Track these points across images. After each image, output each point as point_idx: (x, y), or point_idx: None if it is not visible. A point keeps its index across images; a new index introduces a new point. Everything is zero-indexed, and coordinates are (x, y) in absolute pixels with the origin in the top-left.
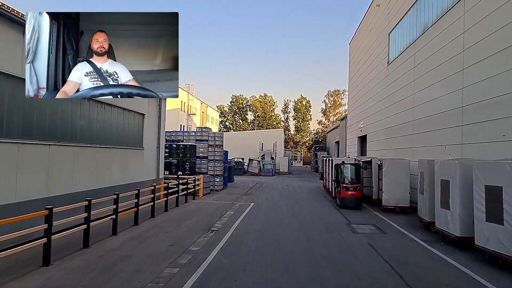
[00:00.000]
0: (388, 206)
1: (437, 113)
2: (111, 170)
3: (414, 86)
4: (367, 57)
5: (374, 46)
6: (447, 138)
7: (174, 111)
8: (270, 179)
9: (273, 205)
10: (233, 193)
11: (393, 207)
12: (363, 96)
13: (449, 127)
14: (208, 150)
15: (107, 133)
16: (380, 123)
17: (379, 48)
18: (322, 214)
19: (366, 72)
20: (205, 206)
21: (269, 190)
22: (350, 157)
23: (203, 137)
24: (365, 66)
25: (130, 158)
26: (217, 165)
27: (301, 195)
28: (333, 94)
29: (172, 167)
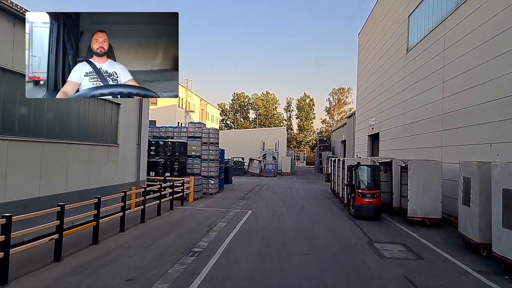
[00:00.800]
0: (414, 218)
1: (479, 103)
2: (69, 172)
3: (443, 73)
4: (381, 46)
5: (389, 33)
6: (494, 134)
7: (171, 107)
8: (271, 180)
9: (274, 214)
10: (229, 197)
11: (421, 219)
12: (375, 90)
13: (497, 121)
14: (201, 149)
15: (64, 124)
16: (396, 119)
17: (396, 34)
18: (335, 227)
19: (379, 63)
20: (193, 214)
21: (270, 194)
22: (359, 157)
23: (196, 134)
24: (378, 56)
25: (99, 156)
26: (212, 165)
27: (306, 200)
28: (337, 92)
29: (158, 168)
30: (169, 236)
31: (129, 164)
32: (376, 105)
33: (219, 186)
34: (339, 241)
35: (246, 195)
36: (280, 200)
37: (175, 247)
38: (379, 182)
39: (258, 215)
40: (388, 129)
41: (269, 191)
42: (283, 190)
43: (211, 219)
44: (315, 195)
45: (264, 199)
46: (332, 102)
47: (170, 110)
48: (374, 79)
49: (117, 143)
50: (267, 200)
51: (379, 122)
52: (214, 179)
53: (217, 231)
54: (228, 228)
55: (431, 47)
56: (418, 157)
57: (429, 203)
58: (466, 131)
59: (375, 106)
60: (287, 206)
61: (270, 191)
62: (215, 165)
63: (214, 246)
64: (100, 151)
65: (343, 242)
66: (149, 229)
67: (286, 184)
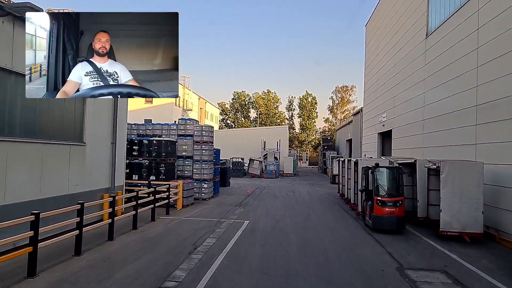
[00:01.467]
0: (449, 232)
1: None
2: (9, 179)
3: (477, 56)
4: (393, 34)
5: (404, 18)
6: None
7: (168, 106)
8: (273, 182)
9: (275, 225)
10: (224, 203)
11: (458, 234)
12: (386, 83)
13: None
14: (193, 148)
15: (2, 116)
16: (414, 113)
17: (412, 18)
18: (351, 244)
19: (391, 53)
20: (177, 227)
21: (270, 199)
22: (370, 157)
23: (188, 132)
24: (390, 45)
25: (57, 158)
26: (205, 166)
27: (312, 207)
28: (341, 90)
29: (142, 170)
30: (137, 261)
31: (100, 167)
32: (387, 100)
33: (214, 190)
34: (360, 268)
35: (244, 200)
36: (282, 207)
37: (140, 280)
38: (402, 187)
39: (256, 228)
40: (402, 126)
41: (270, 195)
42: (285, 194)
43: (198, 234)
44: (321, 199)
45: (264, 206)
46: (335, 100)
47: (166, 108)
48: (385, 71)
49: (82, 142)
50: (268, 206)
51: (391, 118)
52: (208, 182)
53: (202, 252)
54: (216, 248)
55: (460, 27)
56: (442, 156)
57: (468, 214)
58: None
59: (386, 101)
60: (290, 214)
61: (271, 195)
62: (209, 166)
63: (194, 278)
64: (57, 152)
65: (365, 268)
66: (115, 251)
67: (288, 186)
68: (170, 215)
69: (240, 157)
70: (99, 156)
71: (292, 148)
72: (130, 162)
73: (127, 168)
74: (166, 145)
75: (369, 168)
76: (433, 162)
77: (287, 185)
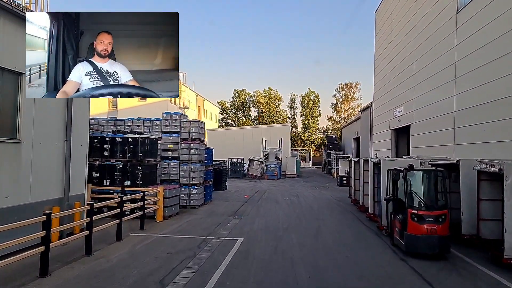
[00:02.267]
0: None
1: None
2: None
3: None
4: (411, 15)
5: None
6: None
7: (163, 103)
8: (274, 184)
9: (277, 246)
10: (216, 212)
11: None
12: (402, 73)
13: None
14: (180, 147)
15: None
16: (441, 105)
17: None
18: (382, 280)
19: (408, 38)
20: (146, 251)
21: (271, 206)
22: (385, 157)
23: (173, 128)
24: (407, 29)
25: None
26: (194, 169)
27: (321, 216)
28: (344, 87)
29: (115, 174)
30: None
31: (47, 172)
32: (404, 91)
33: (206, 195)
34: None
35: (240, 207)
36: (285, 217)
37: None
38: (446, 196)
39: (252, 251)
40: (425, 120)
41: (271, 200)
42: (289, 199)
43: (171, 262)
44: (330, 206)
45: (263, 215)
46: (339, 98)
47: (161, 106)
48: (400, 59)
49: (17, 138)
50: (267, 216)
51: (409, 112)
52: (198, 187)
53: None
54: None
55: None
56: (483, 156)
57: None
58: None
59: (402, 93)
60: (295, 228)
61: (272, 201)
62: (198, 168)
63: None
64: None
65: None
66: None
67: (291, 189)
68: (145, 230)
69: (239, 157)
70: (44, 158)
71: (295, 148)
72: (101, 164)
73: (96, 172)
74: (144, 144)
75: (398, 171)
76: (489, 163)
77: (290, 188)
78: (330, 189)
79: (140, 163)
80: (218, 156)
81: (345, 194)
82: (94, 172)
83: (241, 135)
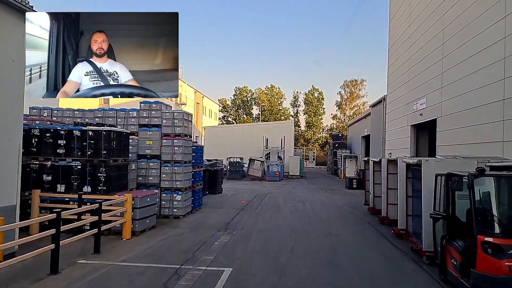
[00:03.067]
0: None
1: None
2: None
3: None
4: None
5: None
6: None
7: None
8: (276, 186)
9: (278, 284)
10: (204, 224)
11: None
12: (427, 58)
13: None
14: (161, 144)
15: None
16: (481, 92)
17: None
18: None
19: (437, 13)
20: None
21: (272, 216)
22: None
23: (153, 120)
24: (434, 4)
25: None
26: (178, 170)
27: (334, 230)
28: (349, 84)
29: (72, 178)
30: None
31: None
32: (428, 80)
33: (195, 202)
34: None
35: (234, 217)
36: (290, 232)
37: None
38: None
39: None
40: (457, 112)
41: (272, 207)
42: (293, 206)
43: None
44: (342, 215)
45: (261, 229)
46: (344, 95)
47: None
48: (423, 42)
49: None
50: (267, 230)
51: (434, 104)
52: (183, 193)
53: None
54: None
55: None
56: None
57: None
58: None
59: (426, 82)
60: (304, 250)
61: (273, 208)
62: (184, 170)
63: None
64: None
65: None
66: None
67: (295, 193)
68: (101, 254)
69: (238, 156)
70: None
71: (298, 147)
72: (54, 164)
73: (48, 175)
74: (109, 139)
75: (458, 177)
76: None
77: (294, 190)
78: (338, 193)
79: (104, 164)
80: (216, 155)
81: (357, 199)
82: (45, 175)
83: (241, 133)
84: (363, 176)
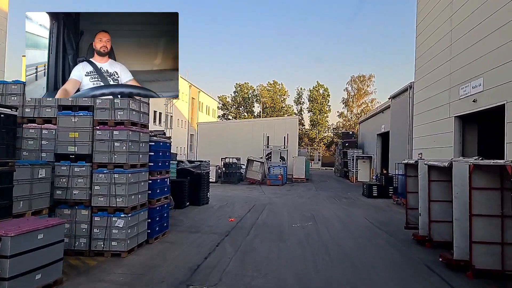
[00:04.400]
0: None
1: None
2: None
3: None
4: None
5: None
6: None
7: None
8: (278, 193)
9: None
10: (154, 271)
11: None
12: (479, 27)
13: None
14: (93, 137)
15: None
16: None
17: None
18: None
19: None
20: None
21: (270, 249)
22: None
23: (80, 100)
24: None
25: None
26: (120, 179)
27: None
28: (357, 80)
29: None
30: None
31: None
32: (486, 53)
33: (154, 226)
34: None
35: (208, 256)
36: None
37: None
38: None
39: None
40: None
41: (271, 229)
42: (301, 228)
43: None
44: (379, 248)
45: (249, 286)
46: (351, 92)
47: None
48: (473, 7)
49: None
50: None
51: (499, 85)
52: (128, 215)
53: None
54: None
55: None
56: None
57: None
58: None
59: (485, 54)
60: None
61: (273, 234)
62: (130, 178)
63: None
64: None
65: None
66: None
67: (303, 204)
68: None
69: (235, 157)
70: None
71: (302, 147)
72: None
73: None
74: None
75: None
76: None
77: (301, 200)
78: (357, 203)
79: None
80: (211, 155)
81: (387, 214)
82: None
83: (239, 130)
84: (385, 182)
